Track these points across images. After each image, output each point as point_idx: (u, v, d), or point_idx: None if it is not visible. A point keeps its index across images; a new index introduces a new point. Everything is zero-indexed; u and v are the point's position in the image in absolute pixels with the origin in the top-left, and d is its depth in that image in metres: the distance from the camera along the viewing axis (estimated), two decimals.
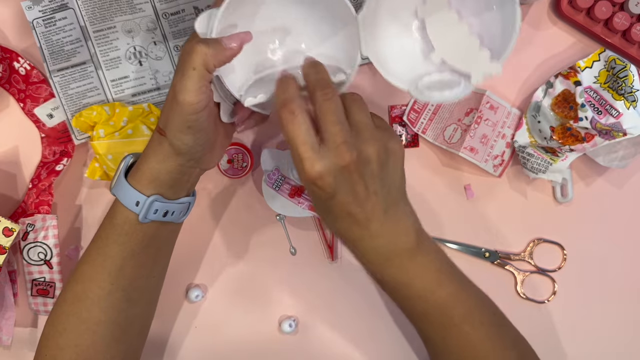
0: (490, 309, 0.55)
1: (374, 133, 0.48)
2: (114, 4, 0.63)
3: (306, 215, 0.65)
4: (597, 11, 0.65)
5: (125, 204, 0.52)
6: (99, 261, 0.54)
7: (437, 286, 0.52)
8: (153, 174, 0.52)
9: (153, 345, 0.67)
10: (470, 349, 0.53)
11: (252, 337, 0.68)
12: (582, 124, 0.63)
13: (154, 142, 0.52)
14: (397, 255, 0.51)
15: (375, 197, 0.49)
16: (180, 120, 0.49)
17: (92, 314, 0.54)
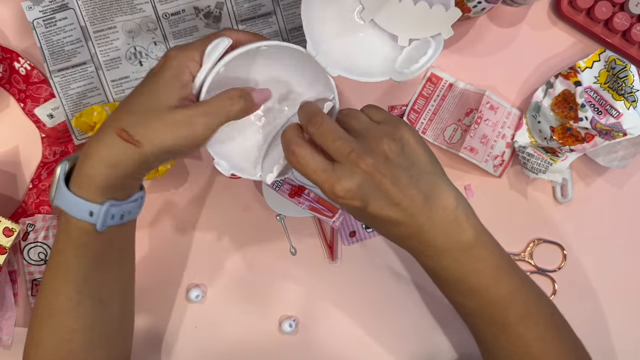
0: (548, 310, 0.53)
1: (377, 130, 0.48)
2: (114, 4, 0.63)
3: (306, 215, 0.65)
4: (597, 11, 0.65)
5: (77, 216, 0.48)
6: (61, 275, 0.51)
7: (494, 284, 0.50)
8: (104, 179, 0.48)
9: (153, 345, 0.67)
10: (523, 349, 0.51)
11: (252, 337, 0.68)
12: (582, 124, 0.63)
13: (105, 144, 0.47)
14: (453, 248, 0.49)
15: (409, 189, 0.47)
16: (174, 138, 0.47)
17: (65, 324, 0.52)
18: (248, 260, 0.68)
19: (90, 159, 0.48)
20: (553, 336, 0.52)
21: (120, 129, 0.47)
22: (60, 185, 0.49)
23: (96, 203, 0.48)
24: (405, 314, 0.68)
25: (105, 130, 0.48)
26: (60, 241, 0.51)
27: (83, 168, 0.48)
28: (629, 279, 0.70)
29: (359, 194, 0.46)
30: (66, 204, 0.48)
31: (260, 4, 0.64)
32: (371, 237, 0.68)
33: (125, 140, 0.47)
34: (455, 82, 0.67)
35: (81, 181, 0.48)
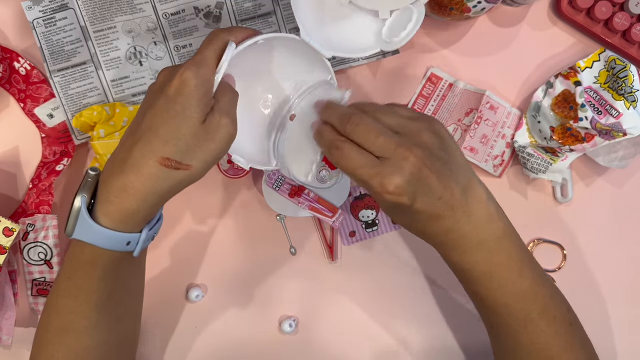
0: (564, 306, 0.54)
1: (416, 125, 0.49)
2: (114, 4, 0.63)
3: (306, 215, 0.65)
4: (597, 11, 0.65)
5: (111, 248, 0.48)
6: (83, 297, 0.51)
7: (518, 277, 0.51)
8: (148, 211, 0.48)
9: (153, 346, 0.67)
10: (543, 344, 0.52)
11: (252, 337, 0.68)
12: (582, 124, 0.63)
13: (151, 177, 0.47)
14: (486, 240, 0.50)
15: (450, 182, 0.48)
16: (216, 148, 0.48)
17: (81, 342, 0.52)
18: (248, 260, 0.68)
19: (134, 194, 0.47)
20: (567, 332, 0.53)
21: (164, 159, 0.46)
22: (86, 221, 0.47)
23: (135, 233, 0.49)
24: (406, 313, 0.68)
25: (144, 163, 0.46)
26: (81, 269, 0.50)
27: (123, 204, 0.47)
28: (629, 278, 0.70)
29: (408, 190, 0.46)
30: (96, 239, 0.48)
31: (260, 4, 0.64)
32: (371, 237, 0.68)
33: (176, 168, 0.47)
34: (455, 82, 0.67)
35: (121, 216, 0.47)
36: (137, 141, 0.47)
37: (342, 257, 0.68)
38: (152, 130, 0.47)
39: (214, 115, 0.48)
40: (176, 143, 0.46)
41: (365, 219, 0.68)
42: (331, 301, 0.68)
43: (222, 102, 0.49)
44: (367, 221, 0.68)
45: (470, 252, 0.50)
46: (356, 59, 0.66)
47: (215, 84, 0.49)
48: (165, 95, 0.47)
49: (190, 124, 0.46)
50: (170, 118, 0.46)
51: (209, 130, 0.47)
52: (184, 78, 0.47)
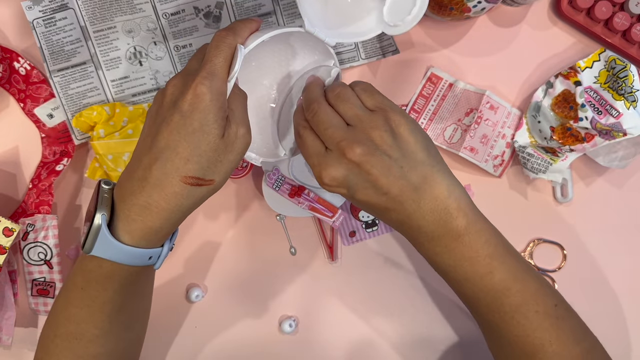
0: (550, 300, 0.53)
1: (369, 119, 0.49)
2: (114, 4, 0.63)
3: (306, 215, 0.65)
4: (597, 11, 0.65)
5: (132, 264, 0.48)
6: (96, 307, 0.51)
7: (487, 272, 0.50)
8: (172, 228, 0.49)
9: (153, 346, 0.67)
10: (524, 338, 0.51)
11: (252, 337, 0.68)
12: (582, 124, 0.63)
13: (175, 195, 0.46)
14: (443, 236, 0.49)
15: (398, 180, 0.48)
16: (235, 159, 0.48)
17: (90, 349, 0.52)
18: (248, 260, 0.68)
19: (158, 212, 0.46)
20: (554, 326, 0.52)
21: (190, 177, 0.46)
22: (106, 238, 0.47)
23: (156, 248, 0.49)
24: (405, 313, 0.68)
25: (167, 182, 0.46)
26: (97, 281, 0.50)
27: (146, 222, 0.47)
28: (629, 278, 0.70)
29: (345, 183, 0.48)
30: (117, 256, 0.47)
31: (260, 4, 0.64)
32: (371, 237, 0.68)
33: (198, 185, 0.47)
34: (455, 82, 0.67)
35: (143, 234, 0.47)
36: (156, 159, 0.46)
37: (342, 257, 0.68)
38: (171, 148, 0.46)
39: (230, 127, 0.47)
40: (198, 160, 0.46)
41: (365, 219, 0.68)
42: (331, 301, 0.68)
43: (236, 111, 0.48)
44: (367, 221, 0.68)
45: (430, 245, 0.50)
46: (356, 59, 0.66)
47: (228, 92, 0.48)
48: (179, 111, 0.46)
49: (210, 139, 0.46)
50: (189, 135, 0.45)
51: (228, 143, 0.47)
52: (198, 93, 0.46)
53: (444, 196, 0.49)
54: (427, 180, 0.49)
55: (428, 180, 0.49)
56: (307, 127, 0.51)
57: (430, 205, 0.49)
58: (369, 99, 0.51)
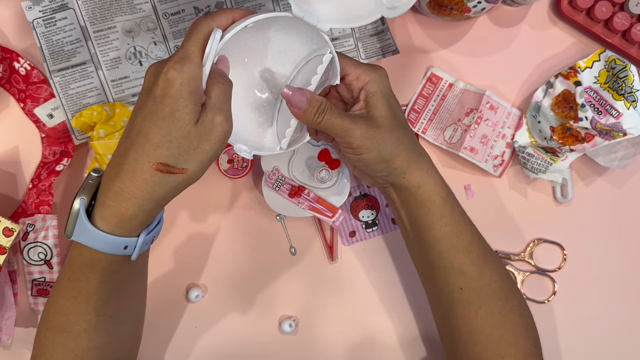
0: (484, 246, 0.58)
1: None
2: (114, 4, 0.63)
3: (306, 215, 0.65)
4: (597, 11, 0.65)
5: (109, 252, 0.48)
6: (81, 299, 0.51)
7: (438, 219, 0.55)
8: (146, 216, 0.47)
9: (153, 345, 0.67)
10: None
11: (252, 337, 0.68)
12: (582, 124, 0.63)
13: (146, 182, 0.46)
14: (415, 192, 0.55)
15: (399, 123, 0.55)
16: (212, 149, 0.47)
17: (79, 343, 0.52)
18: (248, 260, 0.68)
19: (130, 199, 0.46)
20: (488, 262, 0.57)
21: (160, 164, 0.45)
22: (83, 224, 0.47)
23: (132, 237, 0.48)
24: (405, 313, 0.68)
25: (138, 168, 0.46)
26: (80, 270, 0.50)
27: (119, 208, 0.46)
28: (629, 278, 0.70)
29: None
30: (94, 242, 0.47)
31: (260, 4, 0.64)
32: (371, 237, 0.68)
33: (170, 172, 0.46)
34: (455, 82, 0.67)
35: (118, 221, 0.47)
36: (130, 146, 0.46)
37: (342, 257, 0.68)
38: (143, 134, 0.45)
39: (206, 114, 0.46)
40: (168, 147, 0.45)
41: (365, 219, 0.68)
42: (331, 301, 0.68)
43: (214, 98, 0.47)
44: (367, 221, 0.68)
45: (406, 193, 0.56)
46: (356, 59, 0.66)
47: (204, 78, 0.47)
48: (152, 96, 0.46)
49: (180, 125, 0.45)
50: (159, 120, 0.45)
51: (203, 131, 0.46)
52: (168, 77, 0.45)
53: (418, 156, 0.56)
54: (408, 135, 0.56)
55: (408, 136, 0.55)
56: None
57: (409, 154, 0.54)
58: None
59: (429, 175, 0.55)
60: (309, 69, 0.56)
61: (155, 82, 0.46)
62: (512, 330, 0.56)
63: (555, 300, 0.69)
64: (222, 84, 0.48)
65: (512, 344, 0.55)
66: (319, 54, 0.56)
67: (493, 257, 0.57)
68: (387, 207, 0.68)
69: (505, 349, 0.55)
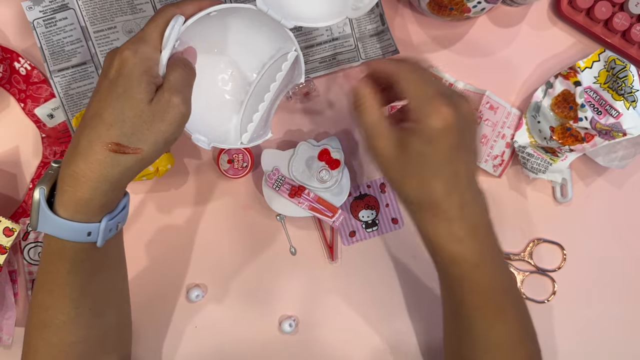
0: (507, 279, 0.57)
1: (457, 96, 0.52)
2: (115, 5, 0.63)
3: (306, 215, 0.65)
4: (597, 11, 0.65)
5: (73, 239, 0.47)
6: (57, 291, 0.50)
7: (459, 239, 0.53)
8: (103, 199, 0.47)
9: (153, 345, 0.67)
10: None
11: (252, 337, 0.68)
12: (582, 124, 0.63)
13: (99, 164, 0.45)
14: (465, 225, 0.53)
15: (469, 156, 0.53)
16: (167, 130, 0.46)
17: (61, 337, 0.52)
18: (248, 260, 0.68)
19: (85, 182, 0.45)
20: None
21: (113, 144, 0.45)
22: (45, 213, 0.46)
23: (94, 223, 0.47)
24: (405, 313, 0.68)
25: (91, 149, 0.45)
26: (51, 262, 0.50)
27: (76, 192, 0.46)
28: (629, 279, 0.70)
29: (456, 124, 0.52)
30: (57, 230, 0.47)
31: None
32: (371, 237, 0.68)
33: (123, 152, 0.45)
34: (455, 82, 0.67)
35: (75, 206, 0.46)
36: (84, 128, 0.46)
37: (342, 257, 0.68)
38: (98, 115, 0.45)
39: (162, 94, 0.46)
40: (121, 126, 0.45)
41: (365, 219, 0.68)
42: (331, 301, 0.68)
43: (172, 80, 0.47)
44: (367, 221, 0.68)
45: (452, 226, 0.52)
46: (356, 59, 0.66)
47: (162, 60, 0.47)
48: (107, 78, 0.46)
49: (133, 104, 0.45)
50: (113, 100, 0.45)
51: (157, 110, 0.46)
52: (123, 57, 0.46)
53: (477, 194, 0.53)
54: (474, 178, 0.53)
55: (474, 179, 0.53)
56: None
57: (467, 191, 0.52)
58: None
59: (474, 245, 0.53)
60: (276, 67, 0.57)
61: (111, 64, 0.47)
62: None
63: (555, 300, 0.69)
64: (183, 70, 0.48)
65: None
66: (286, 52, 0.56)
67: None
68: (387, 207, 0.68)
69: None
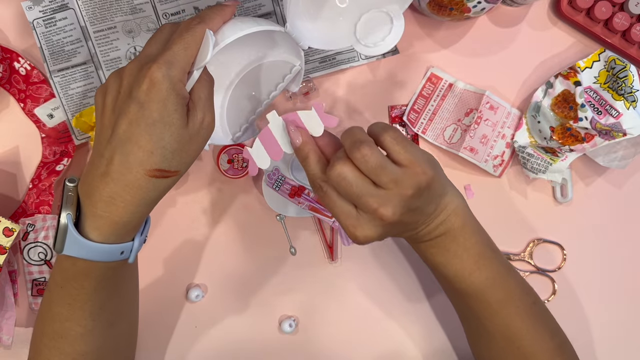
0: (530, 298, 0.56)
1: (403, 181, 0.47)
2: (115, 5, 0.63)
3: (306, 215, 0.65)
4: (597, 11, 0.65)
5: (105, 260, 0.47)
6: (77, 305, 0.50)
7: (475, 269, 0.53)
8: (140, 220, 0.48)
9: (153, 345, 0.67)
10: (504, 327, 0.55)
11: (252, 337, 0.68)
12: (582, 124, 0.63)
13: (140, 189, 0.45)
14: (440, 237, 0.52)
15: (425, 217, 0.51)
16: (199, 148, 0.47)
17: (76, 347, 0.52)
18: (248, 260, 0.68)
19: (124, 207, 0.45)
20: (533, 322, 0.55)
21: (155, 170, 0.45)
22: (74, 238, 0.46)
23: (127, 242, 0.48)
24: (405, 313, 0.68)
25: (130, 175, 0.45)
26: (75, 279, 0.49)
27: (112, 217, 0.46)
28: (629, 278, 0.70)
29: (379, 238, 0.49)
30: (87, 253, 0.47)
31: (260, 4, 0.64)
32: None
33: (164, 177, 0.45)
34: (455, 82, 0.67)
35: (111, 229, 0.46)
36: (118, 153, 0.45)
37: (342, 257, 0.68)
38: (133, 140, 0.44)
39: (196, 114, 0.46)
40: (162, 152, 0.44)
41: None
42: (331, 301, 0.68)
43: (202, 97, 0.47)
44: None
45: (426, 246, 0.53)
46: (356, 59, 0.66)
47: (193, 80, 0.46)
48: (136, 101, 0.44)
49: (172, 130, 0.44)
50: (149, 127, 0.44)
51: (193, 132, 0.46)
52: (154, 81, 0.44)
53: (446, 202, 0.52)
54: (444, 198, 0.52)
55: (440, 204, 0.51)
56: (327, 182, 0.48)
57: (440, 216, 0.52)
58: (402, 151, 0.48)
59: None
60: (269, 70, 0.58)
61: (137, 84, 0.44)
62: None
63: (555, 300, 0.69)
64: (207, 82, 0.48)
65: None
66: (282, 60, 0.57)
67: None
68: None
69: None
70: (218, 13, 0.48)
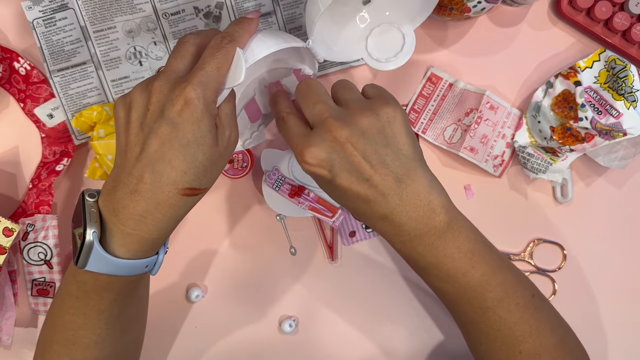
0: (528, 291, 0.53)
1: (364, 104, 0.48)
2: (114, 4, 0.63)
3: (306, 215, 0.65)
4: (597, 11, 0.65)
5: (129, 274, 0.48)
6: (93, 315, 0.50)
7: (469, 267, 0.49)
8: (167, 235, 0.48)
9: (153, 346, 0.67)
10: (504, 331, 0.51)
11: (252, 337, 0.68)
12: (582, 124, 0.63)
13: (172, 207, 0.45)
14: (426, 233, 0.48)
15: (381, 166, 0.46)
16: (225, 164, 0.48)
17: (87, 354, 0.52)
18: (248, 260, 0.68)
19: (155, 224, 0.45)
20: (533, 317, 0.52)
21: (187, 189, 0.45)
22: (100, 255, 0.45)
23: (152, 256, 0.48)
24: (405, 313, 0.68)
25: (162, 194, 0.44)
26: (94, 291, 0.49)
27: (142, 234, 0.45)
28: (629, 278, 0.70)
29: (327, 163, 0.46)
30: (112, 269, 0.46)
31: (260, 4, 0.64)
32: (371, 237, 0.68)
33: (194, 195, 0.46)
34: (455, 82, 0.67)
35: (140, 246, 0.46)
36: (146, 171, 0.44)
37: (342, 257, 0.68)
38: (165, 160, 0.44)
39: (224, 132, 0.46)
40: (195, 172, 0.45)
41: None
42: (331, 301, 0.68)
43: (229, 113, 0.47)
44: None
45: (412, 244, 0.49)
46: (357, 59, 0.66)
47: (221, 99, 0.46)
48: (169, 121, 0.43)
49: (206, 150, 0.44)
50: (183, 147, 0.44)
51: (222, 150, 0.46)
52: (189, 103, 0.43)
53: (426, 192, 0.48)
54: (410, 174, 0.47)
55: (411, 174, 0.47)
56: (290, 112, 0.50)
57: (413, 200, 0.47)
58: (371, 88, 0.50)
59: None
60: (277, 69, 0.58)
61: (170, 104, 0.44)
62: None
63: (555, 300, 0.69)
64: (231, 97, 0.48)
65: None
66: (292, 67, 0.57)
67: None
68: None
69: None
70: (246, 30, 0.48)
